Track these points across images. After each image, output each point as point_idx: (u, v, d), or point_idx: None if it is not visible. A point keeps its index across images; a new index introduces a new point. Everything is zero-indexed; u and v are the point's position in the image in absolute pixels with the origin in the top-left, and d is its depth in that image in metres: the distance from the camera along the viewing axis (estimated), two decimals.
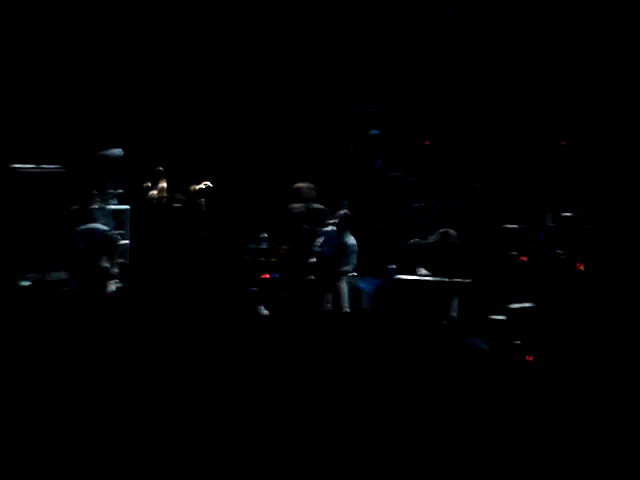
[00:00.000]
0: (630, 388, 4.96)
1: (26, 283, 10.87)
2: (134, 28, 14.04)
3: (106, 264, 10.71)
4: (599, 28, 13.25)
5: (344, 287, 10.84)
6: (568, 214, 11.90)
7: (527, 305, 10.34)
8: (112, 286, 10.55)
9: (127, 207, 12.54)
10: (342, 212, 11.25)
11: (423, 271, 10.47)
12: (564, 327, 9.26)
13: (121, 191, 12.54)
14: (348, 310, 10.70)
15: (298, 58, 14.12)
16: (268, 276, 12.44)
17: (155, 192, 13.23)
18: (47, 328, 5.69)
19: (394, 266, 11.19)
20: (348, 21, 14.14)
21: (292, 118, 14.12)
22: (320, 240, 11.13)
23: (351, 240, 10.93)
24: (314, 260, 10.95)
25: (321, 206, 12.06)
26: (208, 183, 13.35)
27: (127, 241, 12.45)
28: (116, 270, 10.82)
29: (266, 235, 12.65)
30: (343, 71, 14.13)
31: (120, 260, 11.12)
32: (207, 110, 14.28)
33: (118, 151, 12.70)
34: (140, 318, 5.86)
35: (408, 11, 14.34)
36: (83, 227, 11.06)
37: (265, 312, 8.91)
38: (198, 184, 13.25)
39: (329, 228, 11.06)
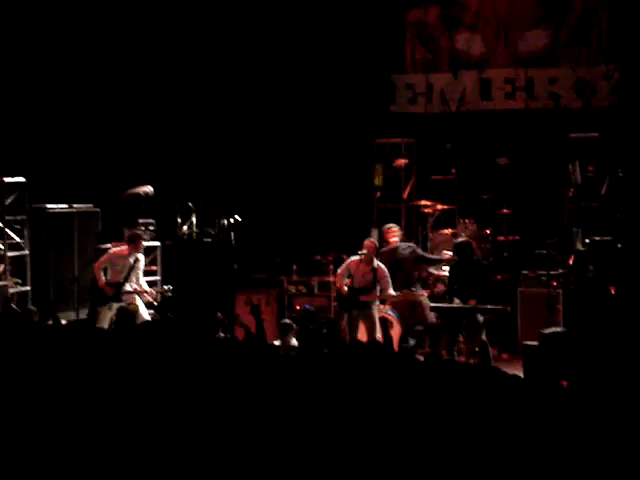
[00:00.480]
0: None
1: (62, 321, 10.97)
2: (157, 66, 14.24)
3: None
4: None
5: (376, 315, 10.77)
6: (598, 237, 11.84)
7: (559, 330, 10.29)
8: (143, 317, 10.59)
9: (158, 243, 12.67)
10: (370, 240, 11.24)
11: (456, 300, 10.42)
12: (597, 351, 9.19)
13: (152, 228, 12.66)
14: (380, 338, 10.65)
15: (324, 89, 14.23)
16: (299, 307, 12.50)
17: (185, 228, 13.36)
18: (87, 366, 5.76)
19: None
20: (368, 53, 14.26)
21: (319, 149, 14.20)
22: (344, 269, 11.05)
23: (381, 267, 10.89)
24: (345, 291, 10.89)
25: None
26: (237, 217, 13.45)
27: (158, 277, 12.59)
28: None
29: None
30: (368, 101, 14.21)
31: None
32: (235, 146, 14.40)
33: (148, 188, 12.82)
34: (172, 351, 5.92)
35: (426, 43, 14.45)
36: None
37: (295, 343, 8.92)
38: (227, 219, 13.36)
39: (355, 257, 10.99)
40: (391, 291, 10.81)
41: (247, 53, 14.47)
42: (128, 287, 10.80)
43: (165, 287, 11.11)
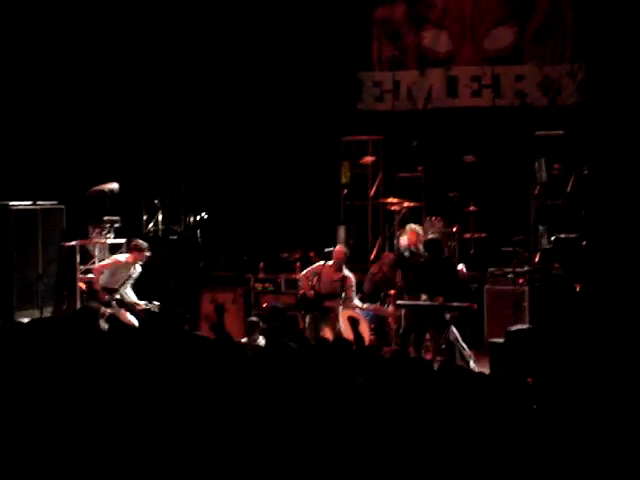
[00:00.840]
0: (630, 407, 4.96)
1: (24, 319, 10.86)
2: (123, 64, 14.13)
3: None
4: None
5: (339, 320, 10.81)
6: (564, 235, 11.92)
7: (525, 327, 10.34)
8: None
9: (124, 241, 12.58)
10: (340, 246, 11.28)
11: (423, 297, 10.43)
12: (563, 348, 9.25)
13: (118, 225, 12.57)
14: (347, 339, 10.67)
15: (291, 87, 14.20)
16: (266, 305, 12.45)
17: (151, 225, 13.28)
18: (50, 364, 5.69)
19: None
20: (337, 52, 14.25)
21: (285, 146, 14.17)
22: (309, 272, 11.03)
23: (349, 277, 10.95)
24: (311, 294, 10.89)
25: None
26: (203, 215, 13.39)
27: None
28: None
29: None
30: (334, 99, 14.20)
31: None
32: (201, 143, 14.34)
33: (113, 185, 12.73)
34: (136, 348, 5.87)
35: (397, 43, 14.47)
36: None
37: (262, 342, 8.90)
38: (194, 216, 13.30)
39: (322, 262, 11.01)
40: (356, 301, 10.90)
41: (213, 50, 14.39)
42: (118, 296, 10.85)
43: (155, 302, 11.01)
